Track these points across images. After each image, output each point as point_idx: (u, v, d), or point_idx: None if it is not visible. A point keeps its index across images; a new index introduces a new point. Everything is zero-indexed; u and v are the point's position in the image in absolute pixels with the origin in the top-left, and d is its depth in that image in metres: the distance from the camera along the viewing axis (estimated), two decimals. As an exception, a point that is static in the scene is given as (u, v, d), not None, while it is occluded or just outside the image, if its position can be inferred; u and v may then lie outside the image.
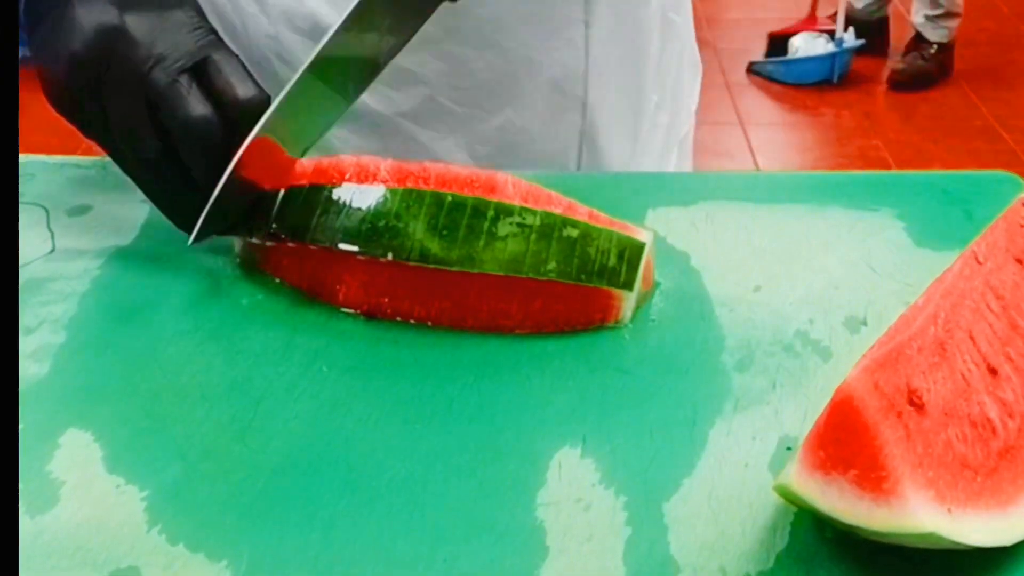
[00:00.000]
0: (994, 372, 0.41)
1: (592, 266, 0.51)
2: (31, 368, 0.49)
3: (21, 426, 0.46)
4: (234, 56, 0.53)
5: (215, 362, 0.50)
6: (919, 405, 0.38)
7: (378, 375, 0.49)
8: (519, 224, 0.51)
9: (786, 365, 0.49)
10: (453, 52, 0.69)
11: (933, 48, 3.18)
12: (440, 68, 0.69)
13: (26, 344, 0.51)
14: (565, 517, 0.42)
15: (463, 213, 0.51)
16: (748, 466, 0.44)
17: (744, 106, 3.10)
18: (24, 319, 0.52)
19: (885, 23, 3.40)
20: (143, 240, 0.59)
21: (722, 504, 0.42)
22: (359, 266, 0.52)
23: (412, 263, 0.50)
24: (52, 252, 0.58)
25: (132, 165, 0.54)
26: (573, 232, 0.51)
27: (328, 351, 0.50)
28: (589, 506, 0.42)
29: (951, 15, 3.16)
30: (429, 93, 0.71)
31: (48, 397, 0.48)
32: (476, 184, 0.52)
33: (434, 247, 0.50)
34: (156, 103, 0.51)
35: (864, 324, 0.52)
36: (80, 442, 0.45)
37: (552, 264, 0.50)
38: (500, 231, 0.50)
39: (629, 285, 0.51)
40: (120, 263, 0.57)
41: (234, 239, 0.56)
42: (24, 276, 0.55)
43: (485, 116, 0.72)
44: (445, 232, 0.50)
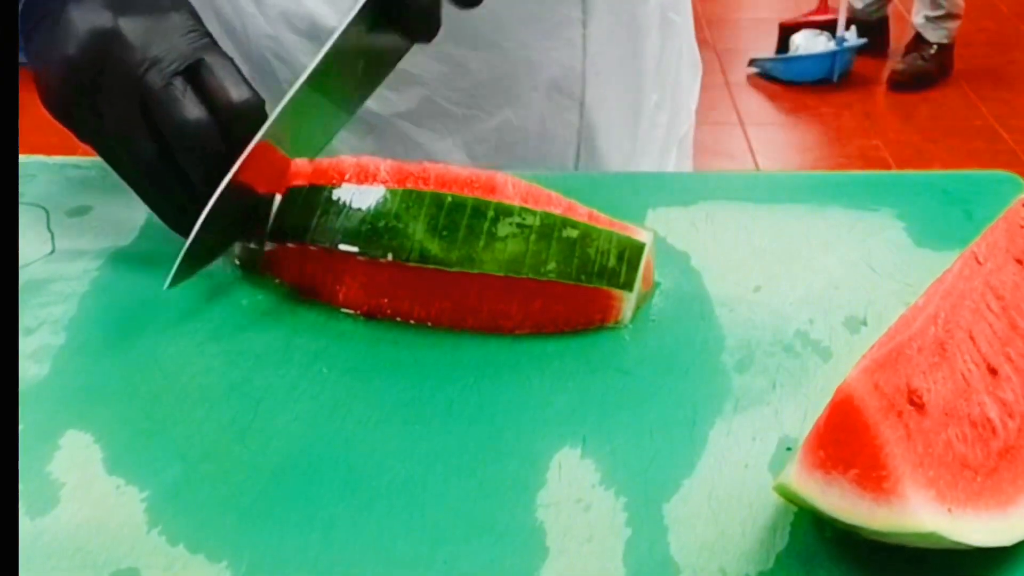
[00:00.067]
0: (994, 372, 0.41)
1: (592, 266, 0.51)
2: (31, 369, 0.49)
3: (21, 427, 0.46)
4: (228, 59, 0.53)
5: (215, 363, 0.50)
6: (919, 405, 0.38)
7: (378, 376, 0.49)
8: (519, 225, 0.51)
9: (786, 365, 0.49)
10: (451, 53, 0.69)
11: (933, 48, 3.19)
12: (438, 69, 0.69)
13: (26, 345, 0.51)
14: (565, 518, 0.42)
15: (463, 214, 0.51)
16: (748, 466, 0.44)
17: (744, 106, 3.10)
18: (24, 320, 0.52)
19: (885, 23, 3.40)
20: (143, 241, 0.59)
21: (722, 504, 0.42)
22: (359, 267, 0.52)
23: (412, 264, 0.50)
24: (52, 253, 0.58)
25: (127, 169, 0.54)
26: (573, 232, 0.51)
27: (328, 352, 0.50)
28: (589, 507, 0.42)
29: (951, 16, 3.16)
30: (427, 94, 0.71)
31: (48, 398, 0.48)
32: (476, 185, 0.52)
33: (434, 248, 0.50)
34: (150, 106, 0.51)
35: (864, 324, 0.52)
36: (80, 443, 0.45)
37: (552, 264, 0.50)
38: (500, 232, 0.50)
39: (629, 285, 0.51)
40: (120, 264, 0.57)
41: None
42: (24, 277, 0.55)
43: (483, 116, 0.72)
44: (445, 233, 0.50)
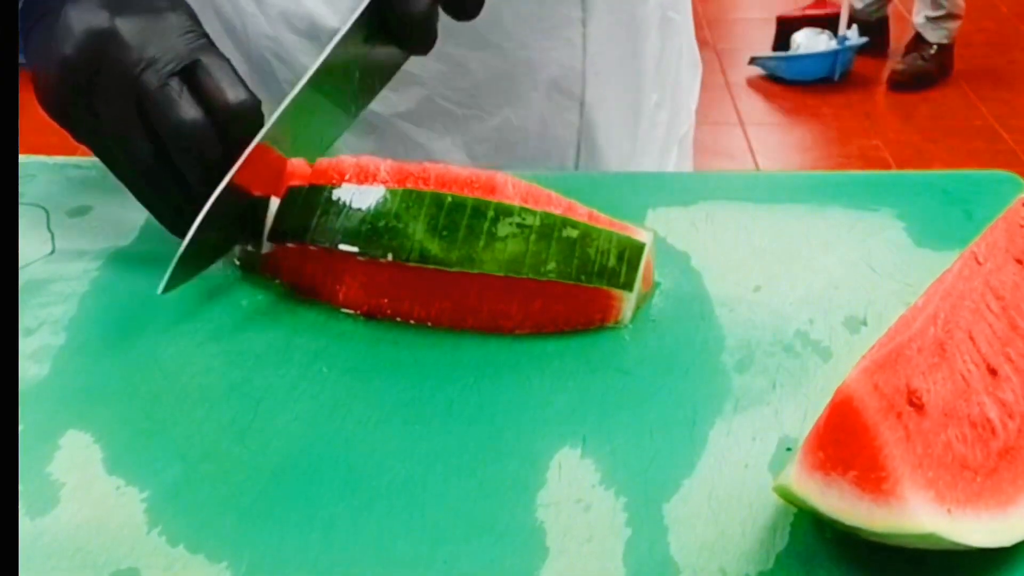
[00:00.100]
0: (994, 373, 0.41)
1: (592, 267, 0.51)
2: (31, 369, 0.49)
3: (21, 427, 0.46)
4: (225, 60, 0.53)
5: (215, 363, 0.50)
6: (919, 406, 0.38)
7: (378, 376, 0.49)
8: (519, 225, 0.51)
9: (786, 365, 0.49)
10: (451, 52, 0.69)
11: (933, 48, 3.19)
12: (438, 68, 0.69)
13: (26, 345, 0.51)
14: (565, 518, 0.42)
15: (463, 214, 0.51)
16: (748, 466, 0.44)
17: (744, 106, 3.10)
18: (24, 320, 0.52)
19: (885, 23, 3.40)
20: (143, 241, 0.59)
21: (722, 504, 0.42)
22: (359, 267, 0.52)
23: (412, 264, 0.50)
24: (52, 253, 0.58)
25: (124, 170, 0.54)
26: (573, 232, 0.51)
27: (328, 352, 0.50)
28: (589, 507, 0.42)
29: (952, 16, 3.16)
30: (427, 93, 0.71)
31: (48, 398, 0.48)
32: (476, 185, 0.52)
33: (434, 248, 0.50)
34: (146, 107, 0.51)
35: (864, 324, 0.52)
36: (80, 443, 0.45)
37: (552, 264, 0.50)
38: (500, 232, 0.50)
39: (629, 286, 0.51)
40: (120, 264, 0.57)
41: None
42: (24, 277, 0.55)
43: (483, 116, 0.72)
44: (445, 233, 0.50)
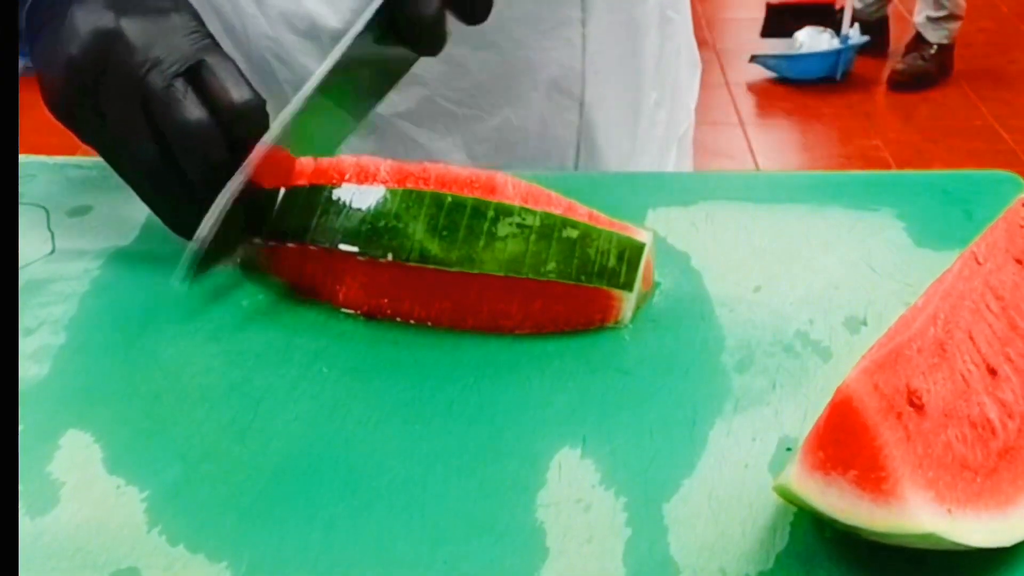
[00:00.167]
0: (994, 373, 0.41)
1: (592, 267, 0.51)
2: (31, 369, 0.49)
3: (21, 427, 0.46)
4: (229, 60, 0.53)
5: (215, 363, 0.50)
6: (919, 406, 0.38)
7: (378, 376, 0.49)
8: (519, 225, 0.51)
9: (786, 365, 0.49)
10: (451, 52, 0.69)
11: (933, 48, 3.19)
12: (438, 68, 0.69)
13: (26, 345, 0.51)
14: (565, 518, 0.42)
15: (463, 214, 0.51)
16: (748, 467, 0.44)
17: (744, 106, 3.10)
18: (24, 320, 0.52)
19: (885, 23, 3.40)
20: (143, 241, 0.59)
21: (722, 505, 0.42)
22: (359, 267, 0.52)
23: (412, 264, 0.50)
24: (52, 253, 0.58)
25: (129, 170, 0.54)
26: (573, 233, 0.51)
27: (328, 352, 0.50)
28: (589, 507, 0.42)
29: (953, 17, 3.16)
30: (427, 93, 0.71)
31: (48, 398, 0.48)
32: (476, 185, 0.52)
33: (434, 248, 0.50)
34: (151, 107, 0.51)
35: (864, 324, 0.52)
36: (80, 443, 0.45)
37: (552, 265, 0.50)
38: (500, 232, 0.50)
39: (629, 286, 0.51)
40: (120, 264, 0.57)
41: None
42: (24, 277, 0.55)
43: (483, 116, 0.72)
44: (445, 233, 0.50)
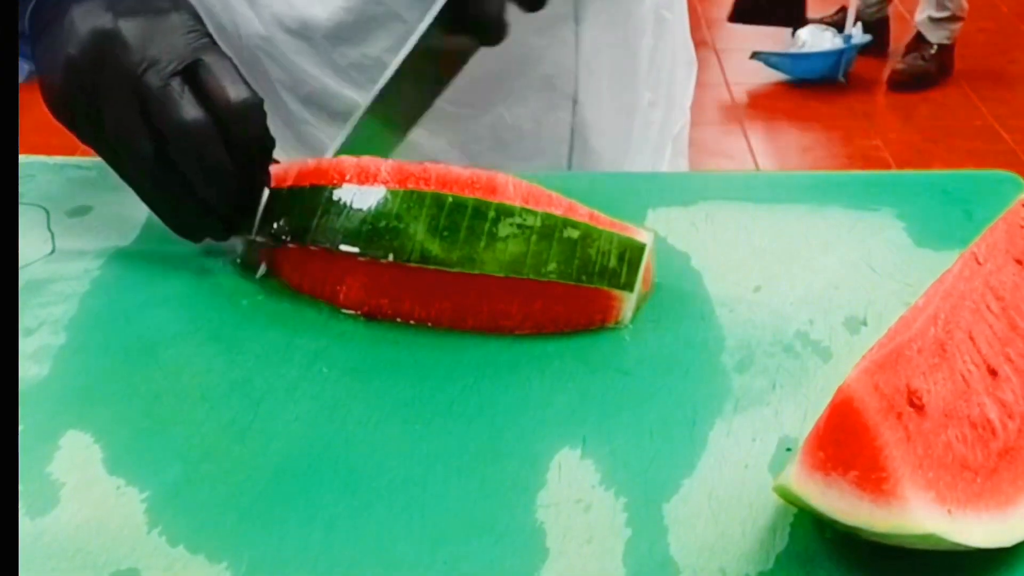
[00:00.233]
0: (994, 373, 0.41)
1: (593, 267, 0.51)
2: (31, 369, 0.49)
3: (21, 427, 0.46)
4: (226, 58, 0.53)
5: (215, 363, 0.50)
6: (919, 406, 0.38)
7: (378, 376, 0.49)
8: (520, 225, 0.51)
9: (786, 366, 0.49)
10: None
11: (933, 48, 3.18)
12: None
13: (26, 345, 0.51)
14: (565, 518, 0.42)
15: (464, 214, 0.51)
16: (748, 467, 0.44)
17: (744, 106, 3.10)
18: (24, 320, 0.52)
19: (885, 23, 3.40)
20: (143, 240, 0.59)
21: (722, 505, 0.42)
22: (360, 267, 0.52)
23: (413, 264, 0.50)
24: (52, 253, 0.58)
25: (128, 170, 0.54)
26: (574, 233, 0.51)
27: (328, 352, 0.50)
28: (589, 507, 0.42)
29: (955, 18, 3.16)
30: None
31: (48, 398, 0.48)
32: (477, 185, 0.52)
33: (435, 248, 0.50)
34: (149, 107, 0.51)
35: (864, 324, 0.52)
36: (80, 443, 0.45)
37: (553, 265, 0.50)
38: (501, 232, 0.50)
39: (629, 286, 0.51)
40: (120, 264, 0.57)
41: (235, 239, 0.56)
42: (24, 277, 0.55)
43: (477, 114, 0.72)
44: (446, 233, 0.50)
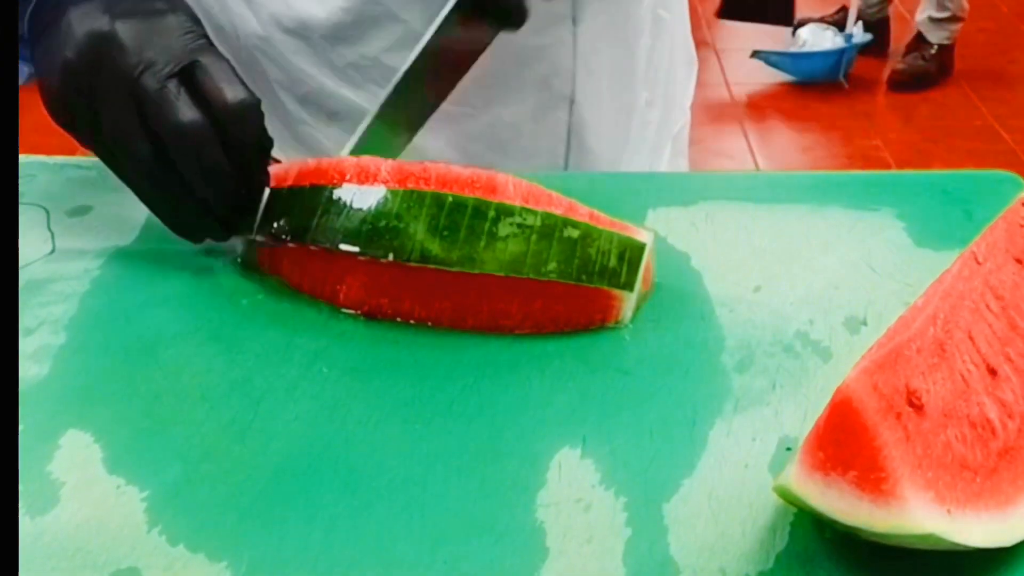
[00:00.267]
0: (993, 373, 0.41)
1: (593, 267, 0.51)
2: (31, 369, 0.49)
3: (21, 427, 0.46)
4: (223, 59, 0.53)
5: (215, 363, 0.50)
6: (918, 406, 0.38)
7: (378, 376, 0.49)
8: (520, 225, 0.51)
9: (786, 365, 0.49)
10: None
11: (933, 48, 3.18)
12: None
13: (26, 345, 0.51)
14: (565, 518, 0.42)
15: (464, 214, 0.51)
16: (748, 467, 0.44)
17: (744, 106, 3.10)
18: (24, 320, 0.52)
19: (886, 24, 3.40)
20: (143, 240, 0.59)
21: (722, 505, 0.42)
22: (360, 267, 0.52)
23: (413, 264, 0.50)
24: (52, 253, 0.58)
25: (127, 172, 0.54)
26: (574, 233, 0.51)
27: (328, 352, 0.50)
28: (589, 507, 0.42)
29: (956, 19, 3.16)
30: None
31: (48, 398, 0.48)
32: (477, 185, 0.52)
33: (435, 248, 0.50)
34: (146, 109, 0.51)
35: (864, 324, 0.52)
36: (80, 443, 0.45)
37: (553, 265, 0.50)
38: (501, 232, 0.50)
39: (629, 286, 0.51)
40: (120, 263, 0.57)
41: (235, 239, 0.56)
42: (24, 277, 0.55)
43: (474, 113, 0.72)
44: (446, 233, 0.50)
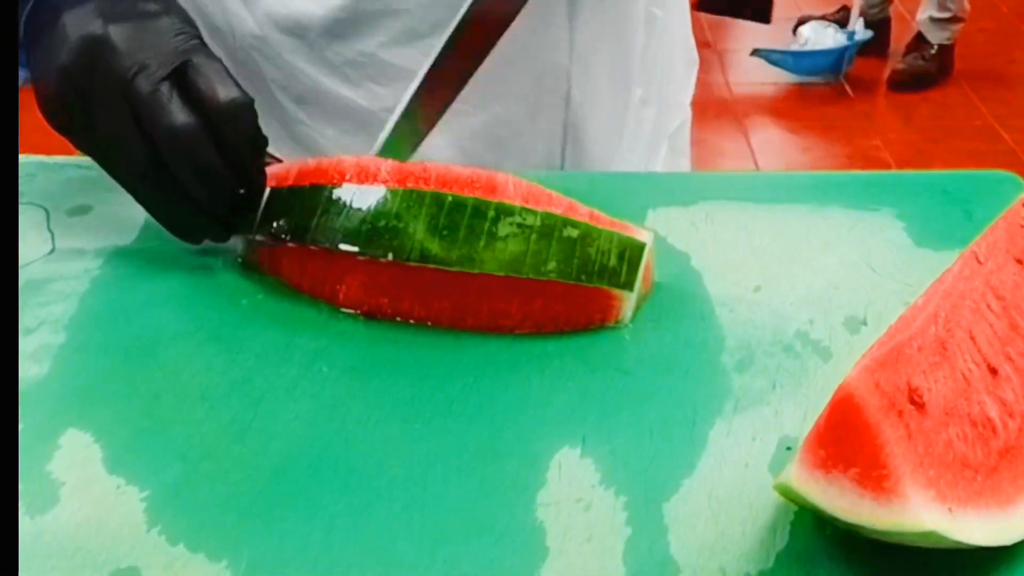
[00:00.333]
0: (994, 372, 0.41)
1: (592, 266, 0.51)
2: (31, 368, 0.49)
3: (21, 426, 0.46)
4: (215, 59, 0.53)
5: (215, 362, 0.50)
6: (920, 404, 0.38)
7: (378, 375, 0.49)
8: (519, 224, 0.51)
9: (786, 365, 0.49)
10: (438, 47, 0.69)
11: (934, 49, 3.18)
12: (426, 63, 0.69)
13: (26, 344, 0.51)
14: (565, 517, 0.42)
15: (463, 213, 0.51)
16: (748, 466, 0.44)
17: (744, 106, 3.10)
18: (24, 319, 0.52)
19: (887, 24, 3.40)
20: (143, 240, 0.59)
21: (722, 504, 0.42)
22: (359, 266, 0.52)
23: (412, 263, 0.50)
24: (52, 252, 0.58)
25: (123, 174, 0.54)
26: (573, 232, 0.51)
27: (328, 351, 0.50)
28: (589, 506, 0.42)
29: (957, 19, 3.16)
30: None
31: (48, 397, 0.48)
32: (476, 184, 0.52)
33: (434, 247, 0.50)
34: (139, 112, 0.51)
35: (864, 324, 0.52)
36: (80, 442, 0.45)
37: (552, 264, 0.50)
38: (500, 231, 0.50)
39: (629, 285, 0.51)
40: (120, 263, 0.57)
41: (235, 239, 0.56)
42: (24, 276, 0.55)
43: (470, 111, 0.72)
44: (445, 232, 0.50)
